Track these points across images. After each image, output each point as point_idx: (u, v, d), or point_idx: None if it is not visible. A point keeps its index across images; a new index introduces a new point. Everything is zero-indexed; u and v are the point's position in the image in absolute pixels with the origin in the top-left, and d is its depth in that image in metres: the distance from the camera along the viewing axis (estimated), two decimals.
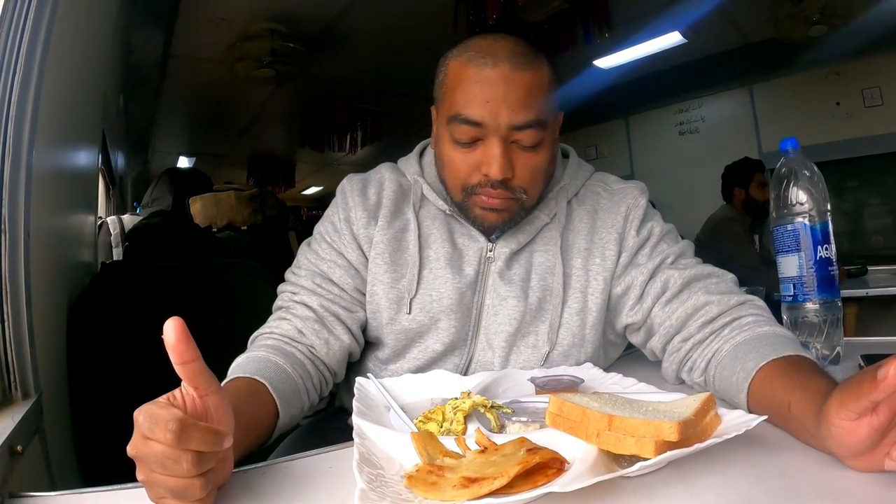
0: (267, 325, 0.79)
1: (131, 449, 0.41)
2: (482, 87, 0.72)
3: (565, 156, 0.90)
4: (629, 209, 0.83)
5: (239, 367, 0.68)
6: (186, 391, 0.44)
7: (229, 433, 0.44)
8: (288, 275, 0.84)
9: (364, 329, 0.83)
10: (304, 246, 0.86)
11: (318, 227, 0.87)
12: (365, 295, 0.82)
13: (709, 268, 0.79)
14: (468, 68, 0.73)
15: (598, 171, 0.91)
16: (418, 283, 0.80)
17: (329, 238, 0.84)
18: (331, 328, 0.78)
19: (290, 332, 0.76)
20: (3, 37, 0.70)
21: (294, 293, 0.81)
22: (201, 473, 0.41)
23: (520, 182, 0.75)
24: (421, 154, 0.90)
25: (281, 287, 0.84)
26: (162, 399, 0.43)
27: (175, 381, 0.44)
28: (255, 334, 0.78)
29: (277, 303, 0.82)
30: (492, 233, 0.81)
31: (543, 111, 0.73)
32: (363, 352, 0.85)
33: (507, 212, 0.77)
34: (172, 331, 0.42)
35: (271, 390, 0.64)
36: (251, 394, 0.63)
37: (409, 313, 0.80)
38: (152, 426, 0.40)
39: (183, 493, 0.41)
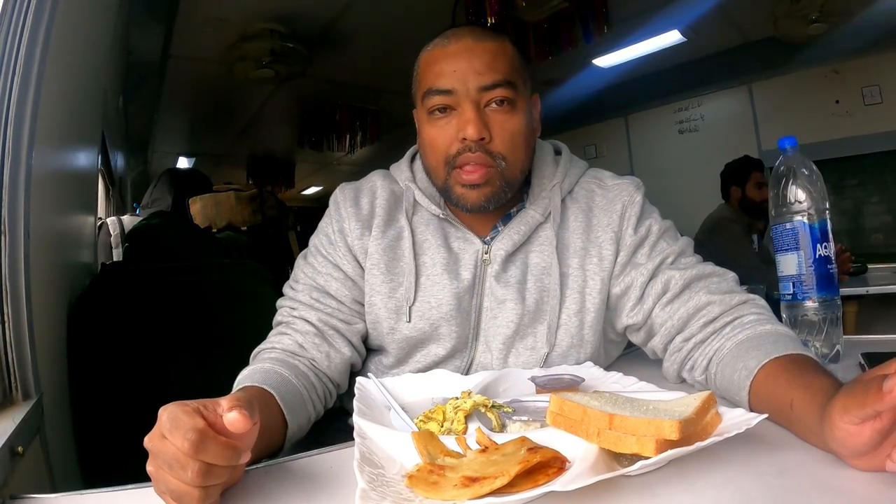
0: (268, 339, 0.79)
1: (148, 441, 0.42)
2: (448, 60, 0.76)
3: (558, 153, 0.89)
4: (625, 206, 0.82)
5: (246, 377, 0.68)
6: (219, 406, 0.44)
7: (248, 449, 0.45)
8: (286, 289, 0.85)
9: (365, 339, 0.84)
10: (300, 259, 0.86)
11: (313, 240, 0.87)
12: (364, 305, 0.82)
13: (710, 267, 0.79)
14: (434, 51, 0.79)
15: (592, 168, 0.90)
16: (416, 291, 0.80)
17: (324, 251, 0.84)
18: (331, 342, 0.78)
19: (292, 347, 0.77)
20: (3, 37, 0.70)
21: (293, 308, 0.81)
22: (204, 486, 0.42)
23: (498, 146, 0.76)
24: (412, 160, 0.90)
25: (280, 302, 0.84)
26: (191, 405, 0.43)
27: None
28: (256, 349, 0.79)
29: (277, 318, 0.82)
30: (478, 215, 0.81)
31: (511, 74, 0.76)
32: (368, 358, 0.85)
33: (488, 185, 0.76)
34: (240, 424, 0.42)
35: (278, 400, 0.64)
36: (262, 402, 0.63)
37: (409, 321, 0.80)
38: (172, 429, 0.41)
39: (181, 497, 0.42)
